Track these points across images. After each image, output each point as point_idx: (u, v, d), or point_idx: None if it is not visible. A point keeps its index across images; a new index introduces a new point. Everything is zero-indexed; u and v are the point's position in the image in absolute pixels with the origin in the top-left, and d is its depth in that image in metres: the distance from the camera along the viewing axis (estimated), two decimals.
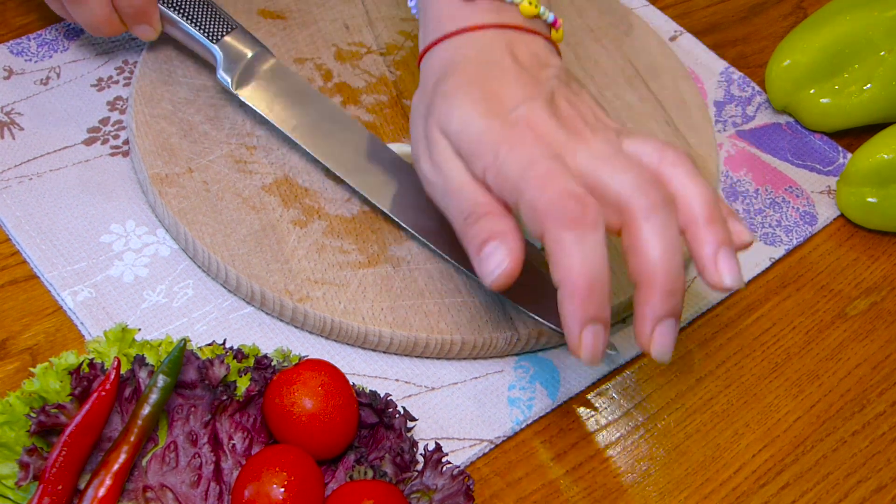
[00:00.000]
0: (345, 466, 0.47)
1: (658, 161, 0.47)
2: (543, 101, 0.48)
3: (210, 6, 0.61)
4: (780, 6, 0.80)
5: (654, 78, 0.68)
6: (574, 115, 0.48)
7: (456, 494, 0.46)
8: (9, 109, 0.61)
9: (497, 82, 0.49)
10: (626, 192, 0.44)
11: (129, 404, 0.46)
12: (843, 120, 0.68)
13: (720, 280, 0.45)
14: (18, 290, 0.54)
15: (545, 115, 0.47)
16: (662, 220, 0.44)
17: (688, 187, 0.46)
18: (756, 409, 0.55)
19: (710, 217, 0.45)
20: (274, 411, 0.46)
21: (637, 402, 0.55)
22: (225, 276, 0.54)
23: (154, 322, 0.53)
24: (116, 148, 0.60)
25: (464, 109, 0.48)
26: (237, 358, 0.48)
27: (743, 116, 0.70)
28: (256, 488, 0.43)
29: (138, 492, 0.44)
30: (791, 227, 0.64)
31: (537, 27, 0.53)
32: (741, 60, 0.74)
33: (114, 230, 0.56)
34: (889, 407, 0.56)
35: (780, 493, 0.52)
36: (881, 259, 0.63)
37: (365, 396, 0.48)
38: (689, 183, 0.46)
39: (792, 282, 0.61)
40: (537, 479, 0.51)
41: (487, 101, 0.48)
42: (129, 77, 0.64)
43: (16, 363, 0.51)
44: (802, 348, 0.58)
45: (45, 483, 0.42)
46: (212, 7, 0.61)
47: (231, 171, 0.58)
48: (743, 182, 0.66)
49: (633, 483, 0.51)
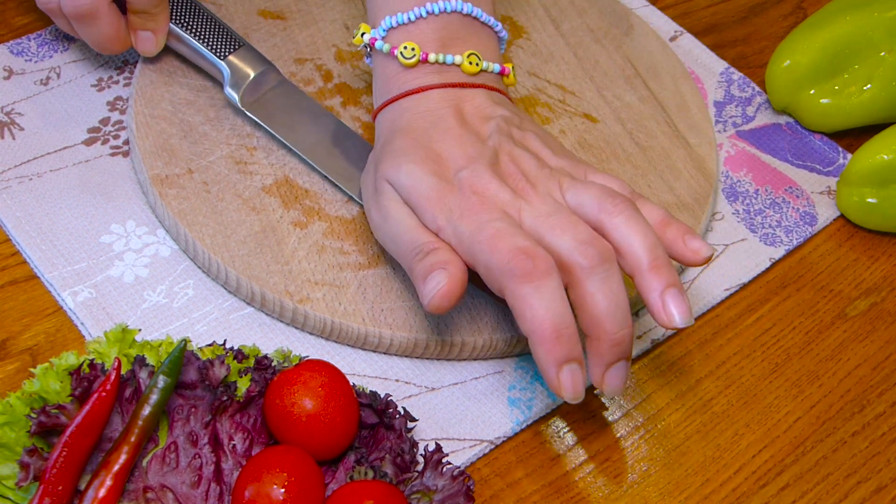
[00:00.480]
0: (345, 467, 0.47)
1: (598, 212, 0.49)
2: (486, 163, 0.50)
3: (217, 23, 0.61)
4: (780, 6, 0.80)
5: (654, 78, 0.69)
6: (515, 173, 0.50)
7: (456, 495, 0.46)
8: (9, 109, 0.61)
9: (440, 144, 0.51)
10: (566, 254, 0.47)
11: (129, 405, 0.46)
12: (843, 120, 0.68)
13: (670, 322, 0.48)
14: (18, 290, 0.54)
15: (488, 176, 0.49)
16: (602, 276, 0.46)
17: (627, 236, 0.48)
18: (756, 409, 0.55)
19: (653, 263, 0.48)
20: (274, 412, 0.46)
21: (637, 403, 0.55)
22: (225, 277, 0.54)
23: (154, 322, 0.53)
24: (117, 148, 0.60)
25: (412, 167, 0.50)
26: (237, 358, 0.48)
27: (743, 117, 0.70)
28: (257, 489, 0.43)
29: (139, 492, 0.44)
30: (791, 228, 0.64)
31: (483, 80, 0.55)
32: (741, 61, 0.74)
33: (114, 230, 0.56)
34: (889, 408, 0.56)
35: (781, 493, 0.52)
36: (881, 259, 0.63)
37: (365, 397, 0.48)
38: (629, 231, 0.48)
39: (792, 282, 0.61)
40: (537, 480, 0.51)
41: (433, 162, 0.50)
42: (129, 77, 0.64)
43: (16, 363, 0.51)
44: (802, 349, 0.58)
45: (45, 483, 0.42)
46: (219, 24, 0.61)
47: (231, 171, 0.58)
48: (743, 182, 0.66)
49: (633, 483, 0.51)
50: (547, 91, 0.67)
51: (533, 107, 0.65)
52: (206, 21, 0.61)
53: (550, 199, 0.49)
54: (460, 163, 0.50)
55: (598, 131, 0.65)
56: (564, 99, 0.66)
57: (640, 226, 0.48)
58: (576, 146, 0.64)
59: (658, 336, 0.57)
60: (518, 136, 0.53)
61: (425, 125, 0.52)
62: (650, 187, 0.62)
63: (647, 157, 0.64)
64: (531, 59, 0.68)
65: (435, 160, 0.50)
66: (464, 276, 0.47)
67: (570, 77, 0.68)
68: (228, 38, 0.61)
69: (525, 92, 0.66)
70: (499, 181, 0.49)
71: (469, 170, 0.50)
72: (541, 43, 0.70)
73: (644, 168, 0.63)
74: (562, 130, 0.64)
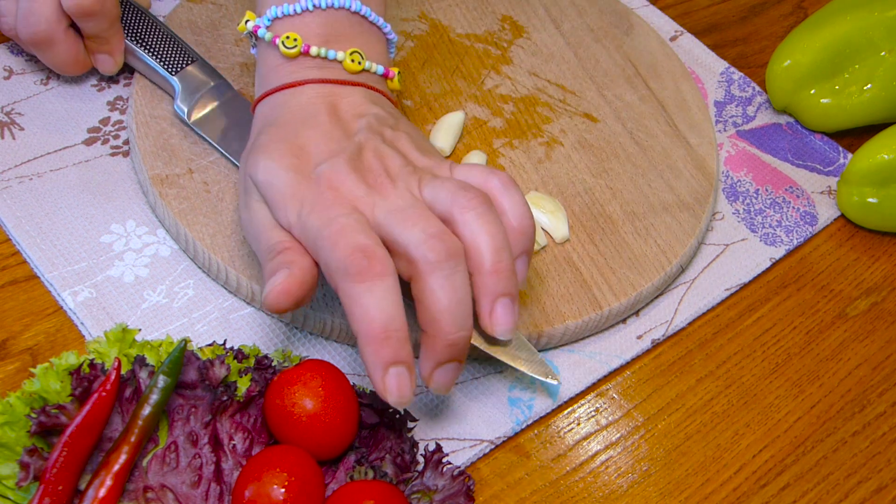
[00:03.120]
0: (345, 467, 0.47)
1: (450, 205, 0.47)
2: (347, 157, 0.49)
3: (172, 39, 0.61)
4: (781, 6, 0.80)
5: (655, 78, 0.69)
6: (377, 168, 0.49)
7: (456, 495, 0.46)
8: (9, 109, 0.61)
9: (306, 138, 0.50)
10: (413, 246, 0.46)
11: (129, 405, 0.46)
12: (843, 120, 0.68)
13: (491, 330, 0.47)
14: (19, 290, 0.54)
15: (346, 170, 0.48)
16: (446, 273, 0.45)
17: (476, 234, 0.47)
18: (756, 409, 0.55)
19: (494, 266, 0.46)
20: (274, 412, 0.46)
21: (637, 403, 0.55)
22: (225, 276, 0.54)
23: (154, 322, 0.53)
24: (117, 148, 0.60)
25: (269, 163, 0.49)
26: (238, 358, 0.48)
27: (743, 116, 0.70)
28: (257, 489, 0.43)
29: (139, 492, 0.44)
30: (791, 228, 0.64)
31: (364, 80, 0.54)
32: (741, 60, 0.74)
33: (114, 230, 0.56)
34: (889, 407, 0.56)
35: (781, 493, 0.52)
36: (881, 259, 0.63)
37: (365, 397, 0.48)
38: (478, 229, 0.47)
39: (792, 282, 0.61)
40: (537, 480, 0.51)
41: (293, 157, 0.49)
42: (130, 77, 0.63)
43: (16, 363, 0.51)
44: (803, 349, 0.58)
45: (45, 483, 0.42)
46: (173, 39, 0.61)
47: (231, 171, 0.58)
48: (743, 182, 0.66)
49: (633, 484, 0.51)
50: (547, 91, 0.67)
51: (533, 107, 0.65)
52: (159, 36, 0.61)
53: (407, 194, 0.48)
54: (322, 157, 0.49)
55: (598, 131, 0.65)
56: (565, 98, 0.66)
57: (489, 225, 0.47)
58: (576, 146, 0.64)
59: (658, 336, 0.57)
60: (389, 135, 0.51)
61: (295, 121, 0.51)
62: (650, 187, 0.62)
63: (648, 157, 0.64)
64: (531, 58, 0.68)
65: (296, 154, 0.49)
66: (306, 276, 0.46)
67: (571, 77, 0.68)
68: (181, 54, 0.60)
69: (525, 92, 0.66)
70: (356, 176, 0.48)
71: (328, 164, 0.48)
72: (541, 42, 0.70)
73: (644, 168, 0.63)
74: (562, 130, 0.64)
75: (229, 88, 0.61)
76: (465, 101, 0.65)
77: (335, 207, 0.47)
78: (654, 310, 0.58)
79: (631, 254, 0.58)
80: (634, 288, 0.57)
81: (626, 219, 0.60)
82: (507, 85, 0.67)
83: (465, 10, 0.71)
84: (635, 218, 0.60)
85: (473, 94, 0.66)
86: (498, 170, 0.50)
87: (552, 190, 0.61)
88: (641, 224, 0.60)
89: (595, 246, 0.58)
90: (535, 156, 0.63)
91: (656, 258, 0.58)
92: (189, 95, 0.59)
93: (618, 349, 0.56)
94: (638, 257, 0.58)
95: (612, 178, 0.62)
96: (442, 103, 0.65)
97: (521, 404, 0.53)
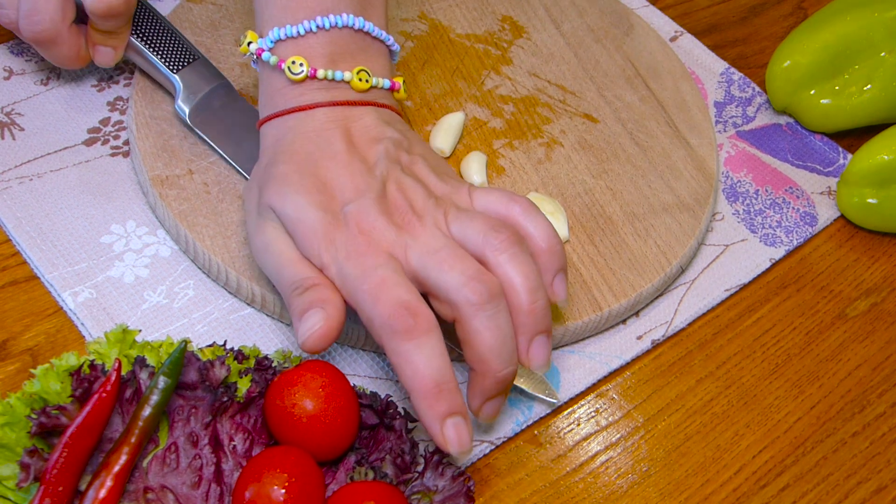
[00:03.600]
0: (345, 467, 0.47)
1: (482, 246, 0.48)
2: (374, 197, 0.49)
3: (175, 36, 0.61)
4: (781, 6, 0.80)
5: (655, 78, 0.69)
6: (403, 206, 0.49)
7: (456, 496, 0.46)
8: (9, 110, 0.61)
9: (327, 170, 0.50)
10: (453, 290, 0.47)
11: (129, 405, 0.46)
12: (843, 121, 0.68)
13: (528, 365, 0.48)
14: (19, 290, 0.54)
15: (375, 212, 0.49)
16: (489, 313, 0.46)
17: (511, 276, 0.48)
18: (756, 410, 0.55)
19: (530, 308, 0.48)
20: (275, 412, 0.46)
21: (637, 404, 0.55)
22: (226, 277, 0.54)
23: (155, 323, 0.53)
24: (117, 148, 0.60)
25: (298, 198, 0.49)
26: (238, 359, 0.48)
27: (743, 117, 0.70)
28: (257, 489, 0.43)
29: (139, 493, 0.44)
30: (791, 228, 0.64)
31: (373, 97, 0.54)
32: (741, 61, 0.74)
33: (114, 231, 0.56)
34: (889, 408, 0.56)
35: (781, 494, 0.52)
36: (881, 260, 0.63)
37: (366, 397, 0.48)
38: (512, 271, 0.48)
39: (792, 283, 0.61)
40: (538, 480, 0.51)
41: (319, 193, 0.49)
42: (130, 77, 0.63)
43: (16, 364, 0.51)
44: (803, 349, 0.58)
45: (45, 484, 0.42)
46: (176, 37, 0.61)
47: (231, 172, 0.58)
48: (743, 183, 0.66)
49: (633, 484, 0.51)
50: (547, 91, 0.67)
51: (533, 107, 0.65)
52: (162, 33, 0.60)
53: (437, 233, 0.49)
54: (348, 196, 0.49)
55: (598, 131, 0.65)
56: (565, 99, 0.66)
57: (523, 266, 0.48)
58: (576, 146, 0.64)
59: (658, 337, 0.57)
60: (406, 161, 0.52)
61: (311, 148, 0.51)
62: (650, 187, 0.62)
63: (648, 158, 0.64)
64: (531, 59, 0.68)
65: (321, 190, 0.49)
66: (341, 317, 0.47)
67: (571, 77, 0.68)
68: (183, 51, 0.60)
69: (525, 92, 0.66)
70: (385, 219, 0.49)
71: (356, 204, 0.49)
72: (541, 43, 0.70)
73: (644, 168, 0.63)
74: (562, 130, 0.64)
75: (230, 89, 0.61)
76: (465, 102, 0.65)
77: (370, 256, 0.47)
78: (654, 310, 0.58)
79: (631, 254, 0.58)
80: (634, 289, 0.57)
81: (626, 219, 0.60)
82: (507, 85, 0.67)
83: (465, 11, 0.71)
84: (635, 219, 0.60)
85: (473, 95, 0.66)
86: (517, 195, 0.51)
87: (552, 191, 0.61)
88: (641, 225, 0.60)
89: (595, 247, 0.58)
90: (534, 156, 0.63)
91: (656, 259, 0.58)
92: (190, 95, 0.59)
93: (618, 350, 0.56)
94: (638, 258, 0.58)
95: (611, 179, 0.62)
96: (442, 104, 0.65)
97: (521, 404, 0.53)
